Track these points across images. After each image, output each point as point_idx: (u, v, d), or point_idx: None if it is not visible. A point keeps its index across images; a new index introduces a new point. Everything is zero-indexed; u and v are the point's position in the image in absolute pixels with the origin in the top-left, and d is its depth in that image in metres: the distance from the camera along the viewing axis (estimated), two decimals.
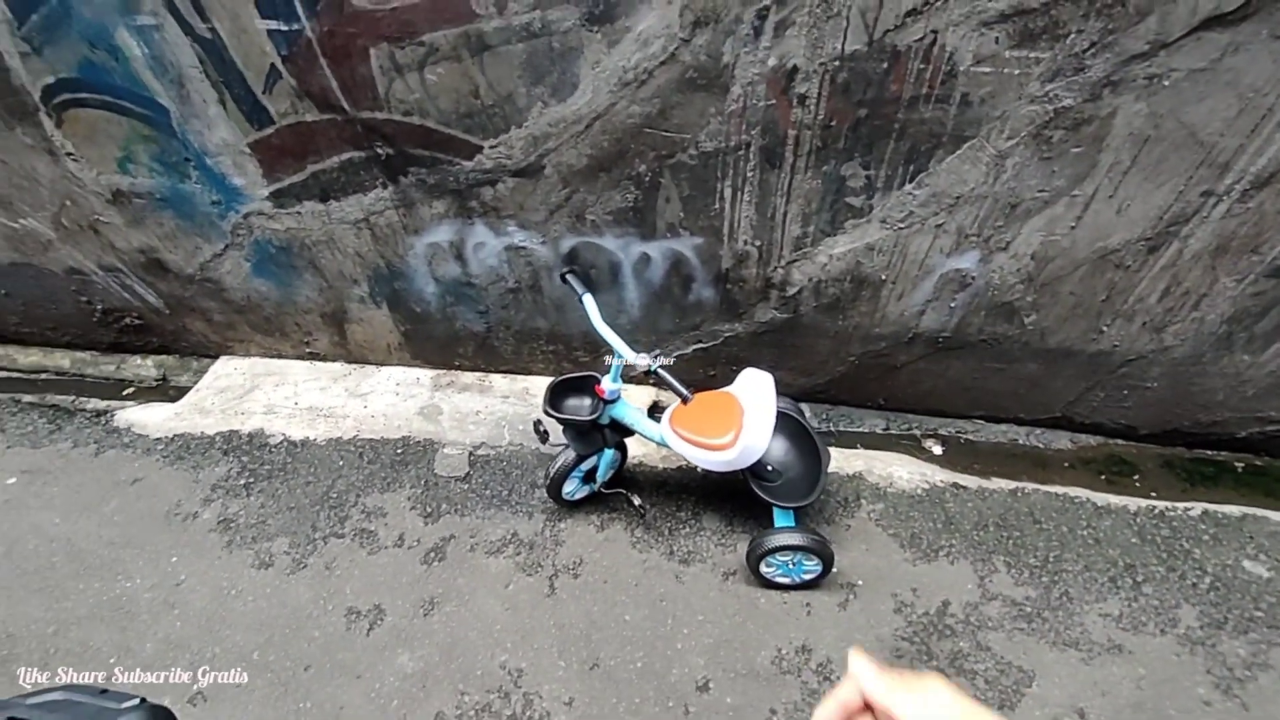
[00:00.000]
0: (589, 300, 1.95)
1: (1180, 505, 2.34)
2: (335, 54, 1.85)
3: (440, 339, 2.79)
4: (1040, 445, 2.64)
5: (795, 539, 1.99)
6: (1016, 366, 2.37)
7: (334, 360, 3.03)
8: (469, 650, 2.07)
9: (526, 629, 2.11)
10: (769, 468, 2.11)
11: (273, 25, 1.81)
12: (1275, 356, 2.12)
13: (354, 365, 3.03)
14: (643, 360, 1.74)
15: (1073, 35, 1.53)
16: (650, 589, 2.20)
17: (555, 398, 2.06)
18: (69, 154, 2.26)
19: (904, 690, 0.50)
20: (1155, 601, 2.07)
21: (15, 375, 3.19)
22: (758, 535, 2.07)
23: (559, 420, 2.02)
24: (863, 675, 0.53)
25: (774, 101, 1.77)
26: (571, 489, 2.32)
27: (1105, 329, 2.17)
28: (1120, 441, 2.60)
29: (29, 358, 3.19)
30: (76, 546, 2.38)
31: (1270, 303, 1.98)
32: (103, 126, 2.16)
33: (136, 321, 2.96)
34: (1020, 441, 2.66)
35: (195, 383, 3.05)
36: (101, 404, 2.97)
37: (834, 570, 2.08)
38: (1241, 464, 2.50)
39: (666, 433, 2.06)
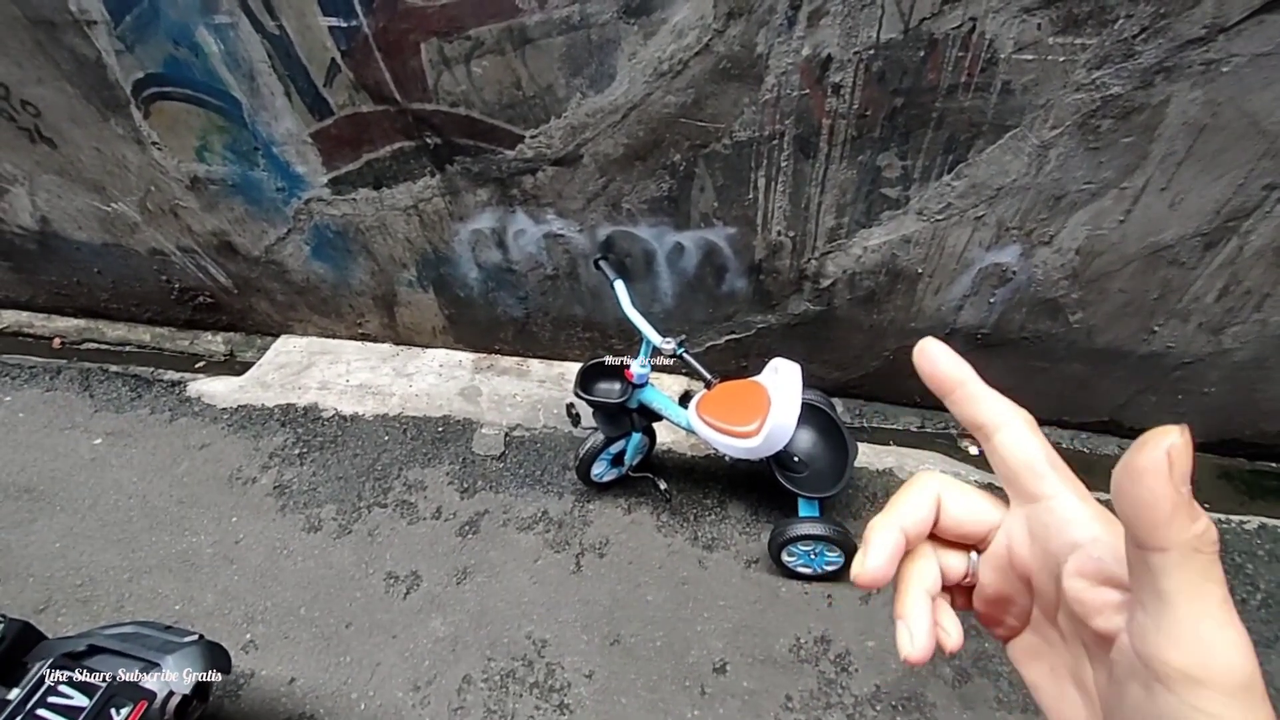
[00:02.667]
0: (620, 286, 2.01)
1: (1236, 518, 2.21)
2: (389, 48, 1.96)
3: (482, 323, 2.90)
4: (1085, 450, 2.54)
5: (817, 529, 1.99)
6: (1061, 366, 2.29)
7: (383, 341, 3.19)
8: (497, 619, 2.17)
9: (552, 603, 2.19)
10: (795, 458, 2.12)
11: (333, 22, 1.94)
12: None
13: (401, 346, 3.19)
14: (668, 344, 1.79)
15: (1121, 20, 1.48)
16: (673, 572, 2.24)
17: (586, 381, 2.13)
18: (154, 143, 2.47)
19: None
20: None
21: (104, 347, 3.49)
22: (780, 523, 2.08)
23: (588, 402, 2.09)
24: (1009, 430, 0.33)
25: (808, 91, 1.78)
26: (600, 471, 2.39)
27: (1158, 329, 2.08)
28: None
29: (115, 331, 3.48)
30: (150, 503, 2.61)
31: None
32: (183, 118, 2.35)
33: (208, 300, 3.20)
34: (1064, 445, 2.56)
35: (258, 359, 3.27)
36: (176, 375, 3.22)
37: None
38: None
39: (693, 418, 2.09)
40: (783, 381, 2.01)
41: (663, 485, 2.29)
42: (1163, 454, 0.25)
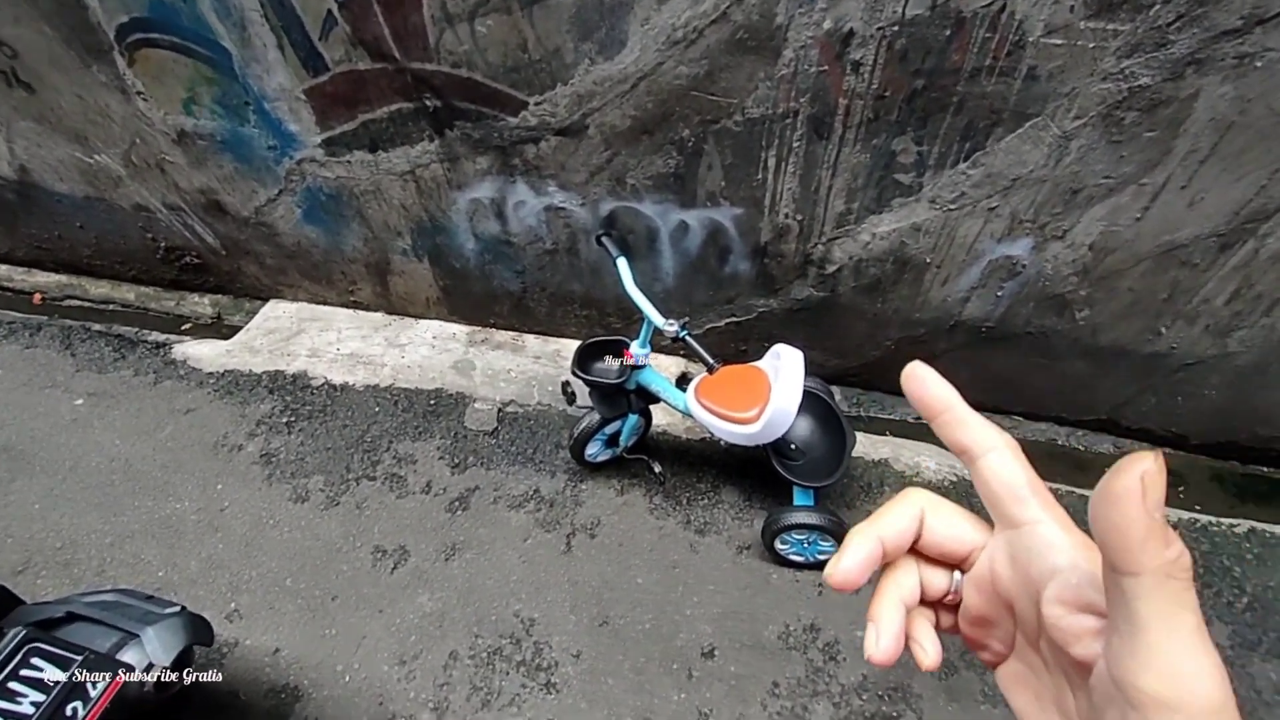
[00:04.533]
0: (623, 264, 1.95)
1: (1226, 521, 2.22)
2: (389, 1, 1.87)
3: (477, 296, 2.84)
4: (1081, 448, 2.54)
5: (812, 518, 1.98)
6: (1063, 363, 2.27)
7: (375, 310, 3.12)
8: (485, 597, 2.15)
9: (541, 582, 2.18)
10: (792, 446, 2.10)
11: None
12: None
13: (394, 316, 3.12)
14: (671, 327, 1.74)
15: (1157, 6, 1.42)
16: (664, 555, 2.23)
17: (584, 359, 2.08)
18: (139, 93, 2.36)
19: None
20: None
21: (87, 305, 3.39)
22: (775, 511, 2.06)
23: (586, 381, 2.05)
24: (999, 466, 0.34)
25: (826, 68, 1.71)
26: (594, 451, 2.35)
27: (1164, 330, 2.05)
28: (1168, 450, 2.48)
29: (99, 289, 3.38)
30: (133, 467, 2.55)
31: None
32: (170, 67, 2.24)
33: (195, 260, 3.10)
34: (1060, 442, 2.56)
35: (246, 323, 3.19)
36: (161, 337, 3.13)
37: None
38: None
39: (691, 402, 2.06)
40: (784, 368, 1.98)
41: (657, 468, 2.27)
42: (1137, 480, 0.25)
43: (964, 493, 2.33)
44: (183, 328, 3.29)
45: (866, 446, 2.47)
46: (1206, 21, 1.42)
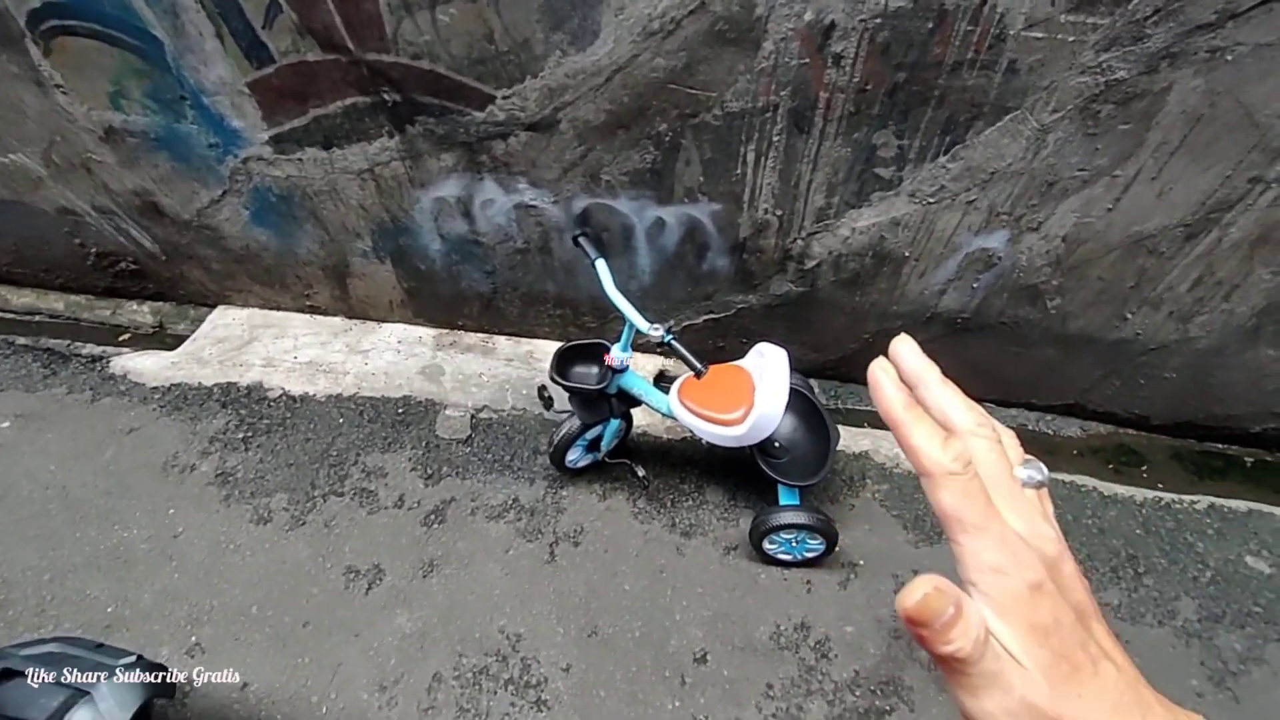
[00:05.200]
0: (602, 265, 1.88)
1: (1187, 498, 2.32)
2: None
3: (444, 298, 2.72)
4: (1050, 432, 2.61)
5: (801, 518, 1.96)
6: (1034, 351, 2.32)
7: (335, 314, 2.96)
8: (467, 613, 2.07)
9: (525, 595, 2.11)
10: (776, 444, 2.08)
11: None
12: None
13: (355, 321, 2.96)
14: (656, 331, 1.68)
15: (1136, 0, 1.42)
16: (651, 560, 2.19)
17: (562, 364, 2.01)
18: (58, 86, 2.14)
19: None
20: (1155, 593, 2.07)
21: (9, 316, 3.11)
22: (762, 512, 2.04)
23: (566, 388, 1.98)
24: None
25: (807, 60, 1.67)
26: (575, 457, 2.29)
27: (1130, 316, 2.11)
28: (1131, 431, 2.57)
29: (22, 299, 3.11)
30: (72, 495, 2.36)
31: None
32: (93, 58, 2.03)
33: (132, 266, 2.87)
34: (1030, 427, 2.62)
35: (192, 331, 2.98)
36: (97, 349, 2.90)
37: (836, 549, 2.07)
38: (1251, 459, 2.48)
39: (674, 405, 2.01)
40: (769, 367, 1.95)
41: (641, 472, 2.22)
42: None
43: None
44: (121, 339, 3.06)
45: (847, 439, 2.47)
46: (1182, 15, 1.43)
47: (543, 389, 2.19)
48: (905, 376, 0.39)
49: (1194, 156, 1.66)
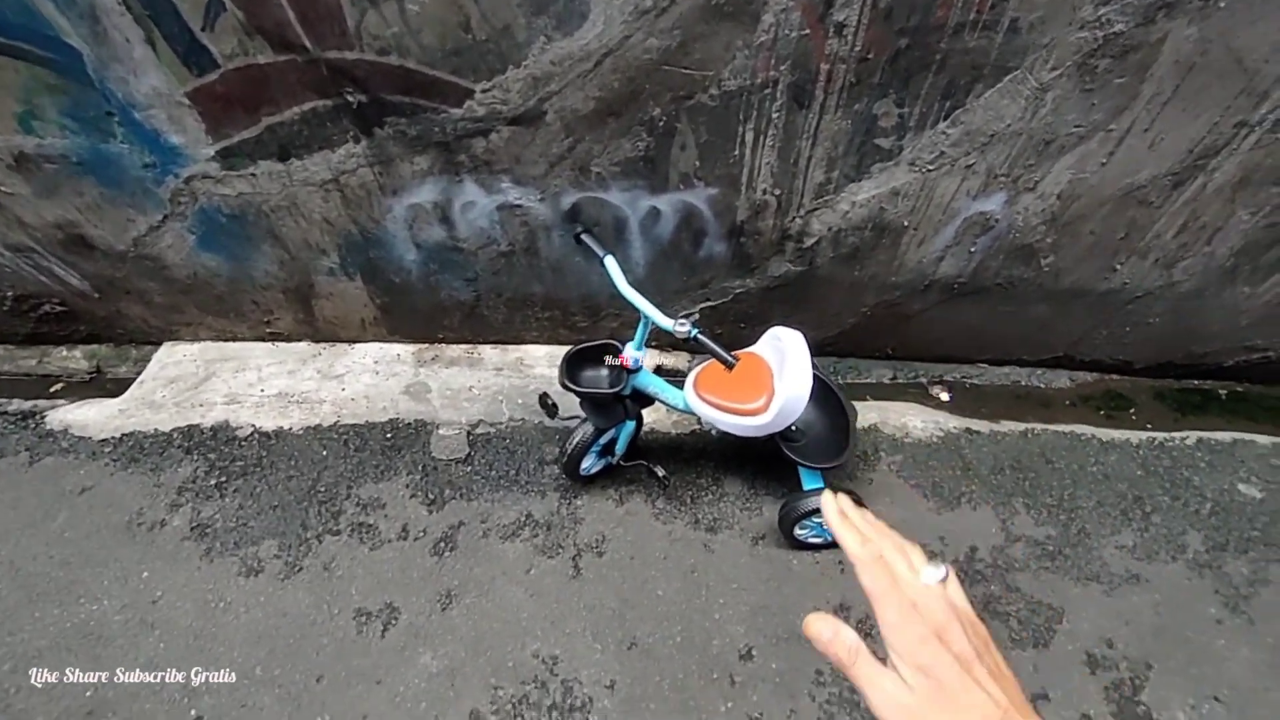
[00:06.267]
0: (611, 263, 1.77)
1: (1176, 435, 2.42)
2: None
3: (423, 311, 2.55)
4: (1042, 385, 2.68)
5: None
6: (1027, 309, 2.36)
7: (300, 340, 2.74)
8: (496, 642, 1.95)
9: (555, 614, 2.01)
10: (794, 428, 2.03)
11: None
12: (1273, 286, 2.18)
13: (324, 344, 2.75)
14: (683, 327, 1.60)
15: None
16: (680, 561, 2.12)
17: (571, 369, 1.90)
18: None
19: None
20: (1164, 530, 2.16)
21: None
22: (790, 499, 2.01)
23: (579, 394, 1.87)
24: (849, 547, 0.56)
25: (808, 31, 1.60)
26: (589, 464, 2.19)
27: (1119, 267, 2.17)
28: (1115, 376, 2.67)
29: None
30: (24, 570, 2.09)
31: None
32: None
33: (59, 308, 2.57)
34: (1023, 383, 2.69)
35: (137, 373, 2.70)
36: (26, 404, 2.59)
37: None
38: (1225, 391, 2.62)
39: (692, 399, 1.94)
40: (788, 350, 1.89)
41: (660, 472, 2.13)
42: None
43: (952, 447, 2.39)
44: (53, 389, 2.74)
45: None
46: None
47: (545, 396, 2.07)
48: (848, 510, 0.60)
49: (1185, 105, 1.69)
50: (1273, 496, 2.23)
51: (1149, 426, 2.50)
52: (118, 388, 2.68)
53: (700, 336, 1.59)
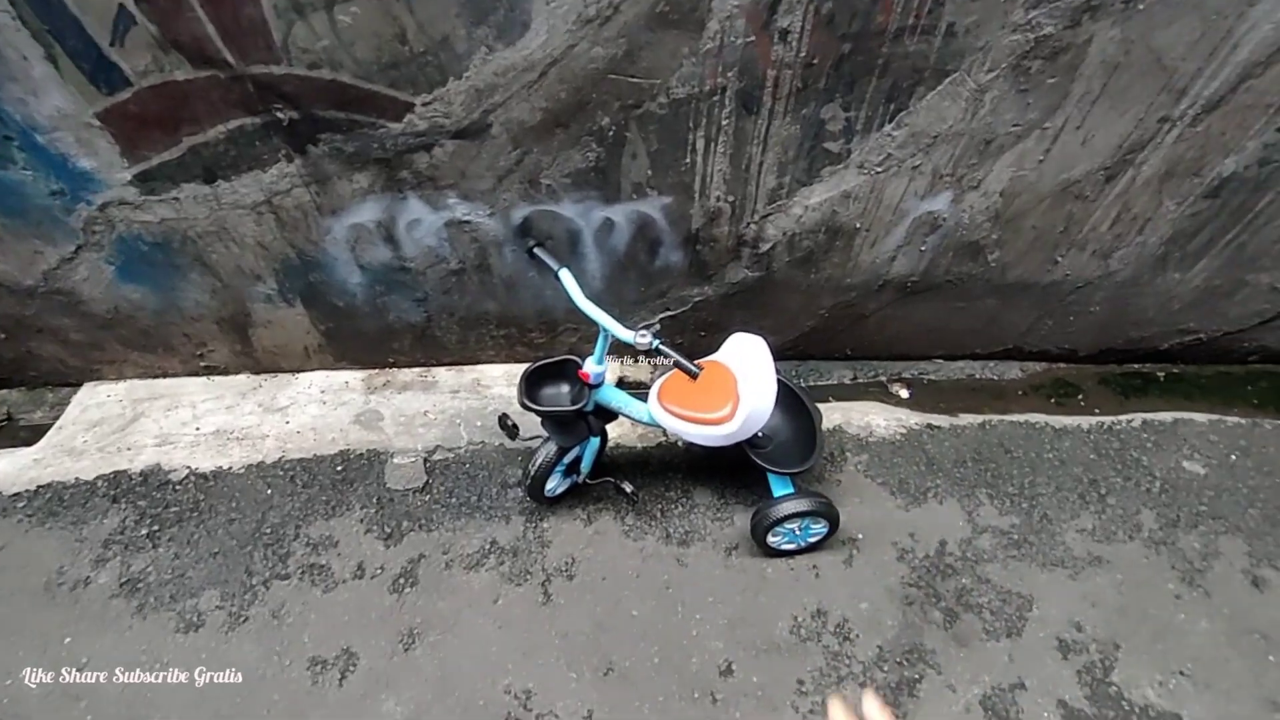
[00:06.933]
0: (567, 276, 1.72)
1: (1123, 418, 2.52)
2: None
3: (370, 335, 2.43)
4: (995, 377, 2.75)
5: (802, 505, 1.92)
6: (977, 304, 2.42)
7: (238, 372, 2.57)
8: (465, 680, 1.85)
9: (526, 645, 1.92)
10: (760, 434, 2.01)
11: None
12: (1202, 271, 2.29)
13: (264, 375, 2.59)
14: (643, 338, 1.55)
15: None
16: (653, 578, 2.06)
17: (530, 388, 1.83)
18: None
19: None
20: (1120, 511, 2.22)
21: None
22: (762, 506, 1.98)
23: (540, 413, 1.81)
24: None
25: (754, 38, 1.60)
26: (554, 485, 2.12)
27: (1060, 259, 2.24)
28: (1062, 365, 2.76)
29: None
30: None
31: (1204, 222, 2.11)
32: None
33: None
34: (976, 376, 2.75)
35: (54, 419, 2.48)
36: None
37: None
38: (1163, 373, 2.74)
39: (656, 411, 1.89)
40: (751, 358, 1.88)
41: (629, 488, 2.07)
42: None
43: (915, 444, 2.42)
44: None
45: None
46: None
47: (504, 418, 2.00)
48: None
49: (1113, 103, 1.77)
50: (1214, 472, 2.33)
51: (1097, 411, 2.59)
52: (32, 435, 2.46)
53: (662, 347, 1.55)
